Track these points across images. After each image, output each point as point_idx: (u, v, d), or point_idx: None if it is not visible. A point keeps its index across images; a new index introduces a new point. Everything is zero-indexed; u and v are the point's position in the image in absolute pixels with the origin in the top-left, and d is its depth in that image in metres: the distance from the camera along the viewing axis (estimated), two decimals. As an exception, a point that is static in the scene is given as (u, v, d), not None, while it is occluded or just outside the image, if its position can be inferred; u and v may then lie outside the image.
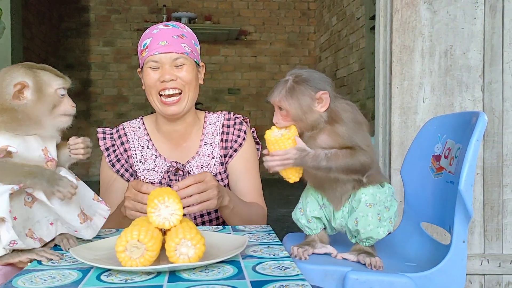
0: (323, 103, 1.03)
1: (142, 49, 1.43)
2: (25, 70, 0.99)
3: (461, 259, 1.02)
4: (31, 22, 5.68)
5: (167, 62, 1.40)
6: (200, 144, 1.52)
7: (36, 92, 0.99)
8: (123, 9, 6.75)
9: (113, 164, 1.49)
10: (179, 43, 1.42)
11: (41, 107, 0.99)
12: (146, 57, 1.41)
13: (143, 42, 1.44)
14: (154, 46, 1.40)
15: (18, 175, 0.94)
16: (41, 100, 0.99)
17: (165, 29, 1.43)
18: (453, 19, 1.95)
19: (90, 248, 0.99)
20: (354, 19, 5.16)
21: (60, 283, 0.81)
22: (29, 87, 0.98)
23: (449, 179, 1.13)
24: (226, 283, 0.80)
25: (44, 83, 1.00)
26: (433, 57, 1.95)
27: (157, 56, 1.40)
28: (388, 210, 1.06)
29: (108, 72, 6.77)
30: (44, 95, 0.99)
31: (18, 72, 0.98)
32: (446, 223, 1.11)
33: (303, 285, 0.79)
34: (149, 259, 0.85)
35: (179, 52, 1.40)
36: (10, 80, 0.97)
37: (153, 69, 1.41)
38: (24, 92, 0.97)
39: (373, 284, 0.96)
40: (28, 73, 0.99)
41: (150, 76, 1.41)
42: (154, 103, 1.44)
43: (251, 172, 1.53)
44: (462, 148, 1.07)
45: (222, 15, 6.81)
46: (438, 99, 1.95)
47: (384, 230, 1.05)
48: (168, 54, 1.39)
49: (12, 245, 0.92)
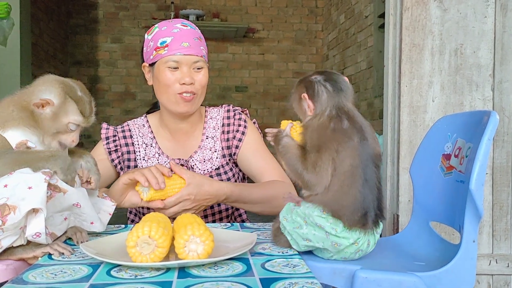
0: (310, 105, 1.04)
1: (160, 46, 1.41)
2: (59, 92, 1.06)
3: (471, 259, 1.01)
4: (40, 19, 5.71)
5: (187, 64, 1.41)
6: (202, 138, 1.52)
7: (53, 113, 1.06)
8: (131, 6, 6.77)
9: (109, 152, 1.50)
10: (198, 46, 1.43)
11: (50, 126, 1.06)
12: (165, 55, 1.40)
13: (160, 39, 1.42)
14: (175, 46, 1.40)
15: (41, 159, 0.99)
16: (53, 121, 1.06)
17: (186, 30, 1.43)
18: (464, 17, 1.94)
19: (100, 243, 0.99)
20: (363, 17, 5.14)
21: (71, 278, 0.81)
22: (52, 106, 1.05)
23: (459, 178, 1.12)
24: (236, 280, 0.80)
25: (64, 112, 1.07)
26: (443, 56, 1.94)
27: (178, 57, 1.40)
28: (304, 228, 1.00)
29: (115, 68, 6.79)
30: (57, 120, 1.06)
31: (53, 89, 1.06)
32: (456, 222, 1.10)
33: (312, 283, 0.79)
34: (159, 255, 0.86)
35: (199, 55, 1.42)
36: (43, 91, 1.06)
37: (171, 69, 1.40)
38: (45, 106, 1.05)
39: (382, 282, 0.96)
40: (60, 95, 1.06)
41: (167, 76, 1.41)
42: (167, 101, 1.44)
43: (261, 153, 1.52)
44: (473, 147, 1.06)
45: (230, 12, 6.80)
46: (447, 98, 1.94)
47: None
48: (189, 56, 1.40)
49: (35, 237, 0.92)
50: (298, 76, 6.79)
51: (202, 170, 1.48)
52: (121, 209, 1.24)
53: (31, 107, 1.05)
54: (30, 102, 1.05)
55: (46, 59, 5.93)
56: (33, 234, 0.92)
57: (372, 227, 0.99)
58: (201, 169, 1.48)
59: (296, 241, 1.01)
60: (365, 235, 0.98)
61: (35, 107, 1.05)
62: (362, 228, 0.98)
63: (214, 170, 1.49)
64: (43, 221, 0.91)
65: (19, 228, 0.92)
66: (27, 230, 0.92)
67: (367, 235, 0.99)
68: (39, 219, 0.92)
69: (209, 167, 1.48)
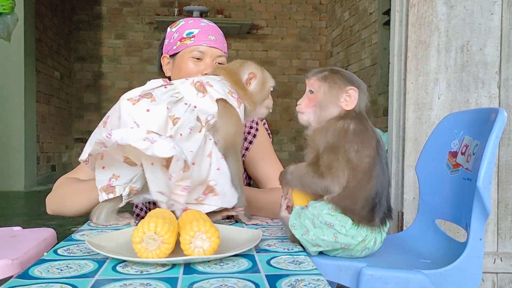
0: (350, 100, 1.01)
1: (185, 36, 1.44)
2: (255, 65, 1.28)
3: (478, 257, 1.01)
4: (44, 14, 5.71)
5: (211, 56, 1.43)
6: None
7: (259, 83, 1.25)
8: (135, 2, 6.76)
9: None
10: (223, 42, 1.48)
11: (259, 96, 1.26)
12: (190, 45, 1.43)
13: (187, 30, 1.45)
14: (203, 38, 1.43)
15: None
16: (261, 91, 1.26)
17: (212, 26, 1.48)
18: (470, 14, 1.93)
19: (106, 239, 0.99)
20: (367, 14, 5.12)
21: (77, 273, 0.81)
22: (256, 78, 1.25)
23: (466, 176, 1.11)
24: (241, 277, 0.79)
25: (265, 79, 1.27)
26: (449, 53, 1.93)
27: (204, 48, 1.42)
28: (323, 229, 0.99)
29: (119, 64, 6.80)
30: (263, 88, 1.26)
31: (252, 66, 1.27)
32: (462, 220, 1.10)
33: (318, 280, 0.78)
34: (165, 252, 0.85)
35: (223, 50, 1.46)
36: (247, 69, 1.26)
37: (195, 59, 1.43)
38: (251, 81, 1.24)
39: (388, 280, 0.95)
40: (257, 67, 1.27)
41: (190, 66, 1.43)
42: None
43: (269, 158, 1.53)
44: (480, 145, 1.05)
45: (234, 9, 6.79)
46: (453, 95, 1.93)
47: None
48: (214, 49, 1.44)
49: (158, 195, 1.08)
50: (301, 73, 6.78)
51: None
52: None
53: (244, 87, 1.23)
54: (241, 82, 1.23)
55: (50, 55, 5.93)
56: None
57: (379, 225, 0.99)
58: None
59: (307, 248, 1.01)
60: (372, 232, 0.98)
61: (246, 84, 1.23)
62: (369, 225, 0.97)
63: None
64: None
65: None
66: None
67: (374, 233, 0.99)
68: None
69: None
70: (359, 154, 0.97)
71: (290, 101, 6.78)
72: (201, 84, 1.18)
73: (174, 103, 1.11)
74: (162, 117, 1.07)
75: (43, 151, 5.69)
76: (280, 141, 6.85)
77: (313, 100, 1.04)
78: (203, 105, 1.15)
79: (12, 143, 4.95)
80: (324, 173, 0.97)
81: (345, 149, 0.97)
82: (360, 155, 0.97)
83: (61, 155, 6.42)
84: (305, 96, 1.06)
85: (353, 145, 0.97)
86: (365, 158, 0.97)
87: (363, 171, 0.97)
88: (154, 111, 1.07)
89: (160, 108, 1.08)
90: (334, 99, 1.02)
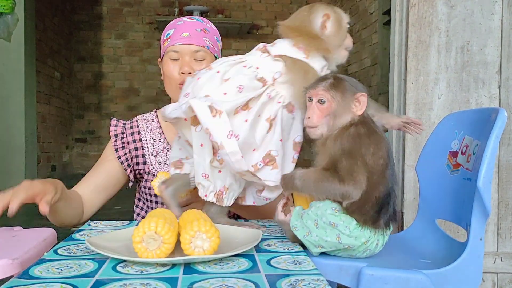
0: (360, 106, 1.01)
1: (165, 39, 1.45)
2: (326, 6, 1.15)
3: (478, 257, 1.01)
4: (44, 14, 5.71)
5: (187, 54, 1.41)
6: None
7: (336, 24, 1.13)
8: (135, 2, 6.77)
9: (116, 149, 1.50)
10: (201, 36, 1.43)
11: (338, 38, 1.14)
12: (167, 46, 1.43)
13: (166, 32, 1.46)
14: (176, 37, 1.41)
15: None
16: (338, 31, 1.14)
17: (189, 22, 1.45)
18: (471, 14, 1.93)
19: (106, 239, 0.99)
20: (367, 14, 5.12)
21: (77, 273, 0.81)
22: (331, 19, 1.13)
23: (466, 176, 1.11)
24: (242, 276, 0.79)
25: (340, 17, 1.15)
26: (450, 53, 1.93)
27: (178, 47, 1.41)
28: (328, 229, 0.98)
29: (119, 65, 6.80)
30: (340, 28, 1.14)
31: (322, 6, 1.14)
32: (462, 220, 1.10)
33: (318, 280, 0.78)
34: (165, 251, 0.85)
35: (200, 45, 1.42)
36: (317, 13, 1.13)
37: (173, 60, 1.42)
38: (326, 24, 1.12)
39: (388, 280, 0.95)
40: (328, 8, 1.14)
41: (170, 68, 1.42)
42: (171, 92, 1.46)
43: None
44: (481, 145, 1.05)
45: (234, 9, 6.79)
46: (453, 95, 1.93)
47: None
48: (189, 46, 1.41)
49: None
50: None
51: None
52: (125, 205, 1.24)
53: (317, 35, 1.12)
54: (313, 30, 1.12)
55: (50, 55, 5.93)
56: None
57: (383, 227, 0.99)
58: None
59: (309, 248, 1.01)
60: (375, 234, 0.98)
61: (322, 30, 1.12)
62: (373, 226, 0.97)
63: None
64: None
65: None
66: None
67: (376, 235, 0.99)
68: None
69: None
70: (375, 156, 0.97)
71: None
72: (265, 46, 1.17)
73: (231, 66, 1.12)
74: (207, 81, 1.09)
75: (43, 151, 5.69)
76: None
77: (326, 110, 1.01)
78: (267, 64, 1.12)
79: (13, 143, 4.95)
80: (345, 178, 0.95)
81: (362, 153, 0.97)
82: (375, 157, 0.97)
83: (61, 155, 6.42)
84: (313, 108, 1.02)
85: (369, 148, 0.97)
86: (380, 159, 0.97)
87: (377, 172, 0.97)
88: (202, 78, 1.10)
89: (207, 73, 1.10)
90: (347, 107, 1.01)
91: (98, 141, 6.77)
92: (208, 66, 1.16)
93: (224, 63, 1.14)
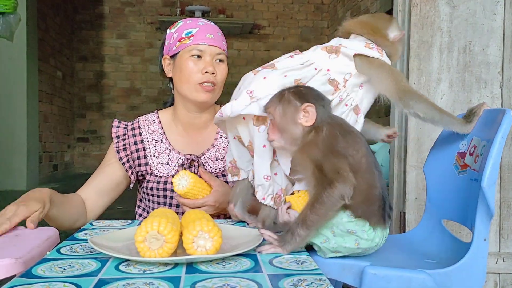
0: (308, 117, 0.99)
1: (184, 36, 1.45)
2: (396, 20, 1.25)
3: (482, 257, 1.01)
4: (46, 14, 5.71)
5: (210, 55, 1.44)
6: (216, 137, 1.52)
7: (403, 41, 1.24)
8: (137, 2, 6.77)
9: (118, 151, 1.50)
10: (221, 40, 1.48)
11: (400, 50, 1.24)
12: (189, 44, 1.44)
13: (185, 30, 1.46)
14: (201, 37, 1.44)
15: None
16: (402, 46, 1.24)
17: (210, 24, 1.49)
18: (473, 14, 1.92)
19: (109, 238, 0.99)
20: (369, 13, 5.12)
21: (79, 272, 0.81)
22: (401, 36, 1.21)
23: (473, 177, 1.10)
24: (244, 276, 0.79)
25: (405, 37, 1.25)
26: (452, 53, 1.93)
27: (202, 46, 1.43)
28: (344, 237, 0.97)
29: (121, 64, 6.80)
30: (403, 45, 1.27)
31: (397, 24, 1.24)
32: (468, 220, 1.10)
33: (321, 279, 0.78)
34: (167, 251, 0.85)
35: (222, 48, 1.47)
36: (396, 25, 1.22)
37: (195, 58, 1.43)
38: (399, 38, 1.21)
39: (391, 279, 0.95)
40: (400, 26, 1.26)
41: (190, 66, 1.43)
42: (187, 90, 1.45)
43: None
44: (487, 146, 1.05)
45: (236, 9, 6.79)
46: (456, 96, 1.93)
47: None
48: (213, 48, 1.44)
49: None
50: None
51: (213, 169, 1.48)
52: (127, 205, 1.24)
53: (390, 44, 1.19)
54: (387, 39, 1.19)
55: (52, 54, 5.94)
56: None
57: (386, 222, 0.99)
58: (212, 167, 1.48)
59: (323, 252, 1.00)
60: (382, 231, 0.99)
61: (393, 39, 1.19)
62: (380, 225, 0.98)
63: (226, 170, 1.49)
64: None
65: None
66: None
67: (383, 231, 0.99)
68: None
69: (221, 166, 1.48)
70: (355, 157, 0.96)
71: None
72: (332, 46, 1.16)
73: (300, 69, 1.10)
74: (276, 82, 1.07)
75: (45, 151, 5.69)
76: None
77: (275, 125, 1.02)
78: (337, 66, 1.12)
79: (14, 142, 4.95)
80: (334, 179, 0.93)
81: (341, 152, 0.96)
82: (356, 157, 0.96)
83: (63, 155, 6.43)
84: (269, 125, 1.04)
85: (347, 150, 0.96)
86: (362, 158, 0.97)
87: (365, 171, 0.97)
88: (270, 77, 1.08)
89: (275, 74, 1.09)
90: (291, 119, 1.00)
91: (99, 141, 6.78)
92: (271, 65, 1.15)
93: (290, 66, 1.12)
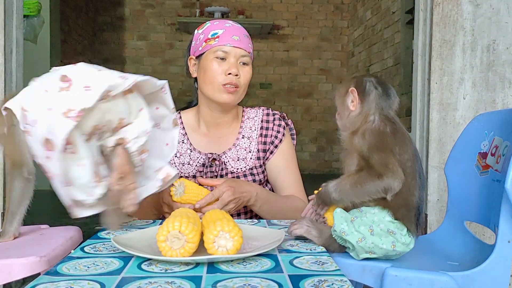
0: (353, 101, 1.01)
1: (210, 37, 1.46)
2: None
3: (506, 260, 0.99)
4: (69, 16, 5.81)
5: (235, 56, 1.45)
6: (238, 137, 1.53)
7: None
8: (157, 4, 6.83)
9: None
10: (247, 42, 1.48)
11: None
12: (215, 45, 1.44)
13: (212, 31, 1.47)
14: (227, 38, 1.44)
15: None
16: None
17: (237, 26, 1.49)
18: (497, 12, 1.89)
19: (130, 237, 1.01)
20: (389, 13, 5.06)
21: (103, 271, 0.82)
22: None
23: (495, 178, 1.09)
24: (265, 276, 0.79)
25: None
26: (475, 52, 1.90)
27: (227, 48, 1.44)
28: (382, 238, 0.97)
29: (142, 66, 6.87)
30: None
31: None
32: (491, 222, 1.08)
33: (341, 280, 0.78)
34: (189, 250, 0.86)
35: (247, 50, 1.47)
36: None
37: (219, 59, 1.44)
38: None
39: (412, 281, 0.94)
40: None
41: (214, 67, 1.44)
42: (211, 91, 1.46)
43: (291, 167, 1.56)
44: (510, 146, 1.03)
45: (255, 9, 6.80)
46: (479, 95, 1.90)
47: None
48: (238, 49, 1.45)
49: None
50: (323, 73, 6.75)
51: (235, 168, 1.49)
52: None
53: None
54: None
55: (75, 56, 6.03)
56: None
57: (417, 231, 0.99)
58: (234, 166, 1.49)
59: (357, 253, 1.00)
60: (412, 238, 0.98)
61: None
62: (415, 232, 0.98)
63: (248, 169, 1.50)
64: None
65: None
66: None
67: (413, 239, 0.98)
68: None
69: (243, 166, 1.49)
70: (401, 157, 0.96)
71: (311, 102, 6.75)
72: None
73: None
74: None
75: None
76: (301, 142, 6.82)
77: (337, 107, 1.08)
78: None
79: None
80: (382, 171, 0.94)
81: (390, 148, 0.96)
82: (402, 158, 0.96)
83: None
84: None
85: (394, 147, 0.96)
86: (408, 161, 0.97)
87: (408, 174, 0.96)
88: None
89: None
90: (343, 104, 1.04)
91: (120, 141, 6.85)
92: None
93: None
